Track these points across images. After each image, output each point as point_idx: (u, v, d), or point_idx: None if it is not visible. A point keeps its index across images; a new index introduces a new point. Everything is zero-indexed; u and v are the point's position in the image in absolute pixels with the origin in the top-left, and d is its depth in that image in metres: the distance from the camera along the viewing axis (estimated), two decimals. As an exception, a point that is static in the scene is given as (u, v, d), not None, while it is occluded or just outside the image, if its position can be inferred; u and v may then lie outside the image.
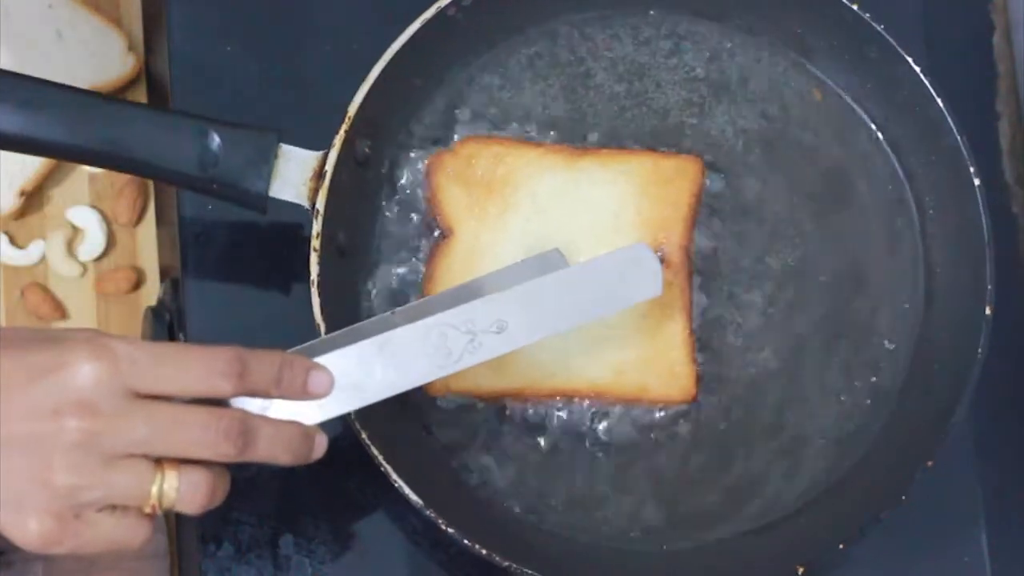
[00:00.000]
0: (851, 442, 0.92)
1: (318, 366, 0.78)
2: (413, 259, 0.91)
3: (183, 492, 0.73)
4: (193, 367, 0.73)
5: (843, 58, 0.95)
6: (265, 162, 0.84)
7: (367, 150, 0.89)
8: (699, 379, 0.91)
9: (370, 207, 0.91)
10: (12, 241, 1.01)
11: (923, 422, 0.91)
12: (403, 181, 0.92)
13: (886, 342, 0.93)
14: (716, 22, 0.96)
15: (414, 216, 0.92)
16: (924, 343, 0.93)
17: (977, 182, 0.90)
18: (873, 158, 0.95)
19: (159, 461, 0.73)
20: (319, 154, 0.86)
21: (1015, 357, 0.99)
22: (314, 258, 0.85)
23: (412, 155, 0.92)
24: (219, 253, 0.92)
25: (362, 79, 0.88)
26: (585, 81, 0.95)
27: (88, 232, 1.02)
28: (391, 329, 0.80)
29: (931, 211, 0.94)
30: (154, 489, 0.73)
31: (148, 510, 0.73)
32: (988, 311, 0.89)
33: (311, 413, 0.78)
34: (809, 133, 0.96)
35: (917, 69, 0.91)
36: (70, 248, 1.02)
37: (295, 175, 0.85)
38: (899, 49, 0.92)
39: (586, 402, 0.91)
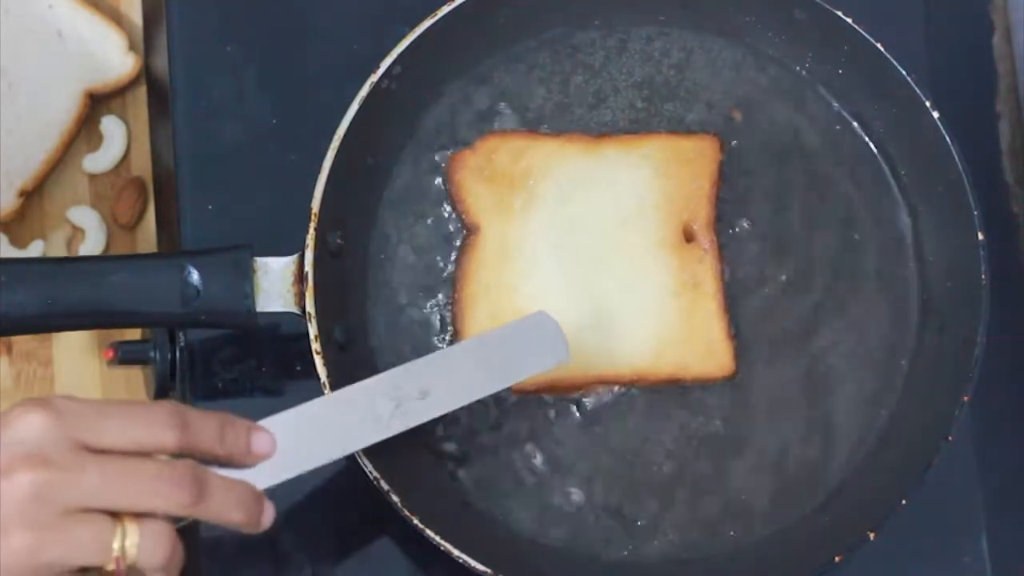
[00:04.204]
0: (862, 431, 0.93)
1: (259, 427, 0.78)
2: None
3: (144, 546, 0.71)
4: (136, 419, 0.73)
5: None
6: (245, 280, 0.85)
7: (339, 240, 0.89)
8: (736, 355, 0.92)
9: (356, 296, 0.91)
10: (12, 241, 1.01)
11: (930, 410, 0.91)
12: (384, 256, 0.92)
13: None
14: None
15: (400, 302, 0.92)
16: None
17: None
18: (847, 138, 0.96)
19: (118, 517, 0.72)
20: (294, 258, 0.86)
21: (1015, 357, 0.99)
22: (319, 361, 0.85)
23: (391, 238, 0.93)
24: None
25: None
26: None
27: (88, 232, 1.02)
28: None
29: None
30: (115, 544, 0.71)
31: (112, 566, 0.72)
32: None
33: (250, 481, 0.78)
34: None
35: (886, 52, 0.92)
36: (70, 248, 1.02)
37: (277, 285, 0.86)
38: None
39: (588, 398, 0.91)
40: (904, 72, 0.92)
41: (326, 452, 0.80)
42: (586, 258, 0.92)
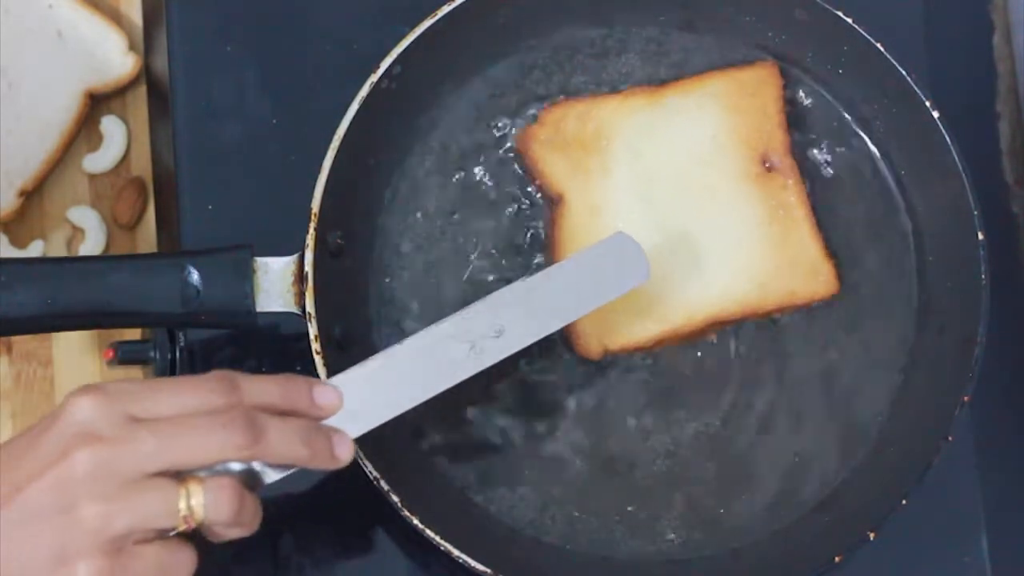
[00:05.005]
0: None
1: (319, 381, 0.79)
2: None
3: (209, 502, 0.73)
4: (184, 387, 0.75)
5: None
6: (245, 280, 0.85)
7: (339, 240, 0.89)
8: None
9: (353, 296, 0.91)
10: (12, 241, 1.01)
11: (930, 410, 0.91)
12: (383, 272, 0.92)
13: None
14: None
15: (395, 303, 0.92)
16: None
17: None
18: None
19: (182, 480, 0.73)
20: (294, 258, 0.86)
21: (1015, 357, 0.99)
22: (319, 361, 0.85)
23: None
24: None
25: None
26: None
27: (88, 232, 1.02)
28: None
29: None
30: (182, 504, 0.73)
31: (183, 527, 0.73)
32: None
33: None
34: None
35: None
36: (70, 248, 1.02)
37: (277, 285, 0.86)
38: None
39: (585, 393, 0.91)
40: (904, 72, 0.92)
41: (396, 404, 0.80)
42: (673, 205, 0.92)
